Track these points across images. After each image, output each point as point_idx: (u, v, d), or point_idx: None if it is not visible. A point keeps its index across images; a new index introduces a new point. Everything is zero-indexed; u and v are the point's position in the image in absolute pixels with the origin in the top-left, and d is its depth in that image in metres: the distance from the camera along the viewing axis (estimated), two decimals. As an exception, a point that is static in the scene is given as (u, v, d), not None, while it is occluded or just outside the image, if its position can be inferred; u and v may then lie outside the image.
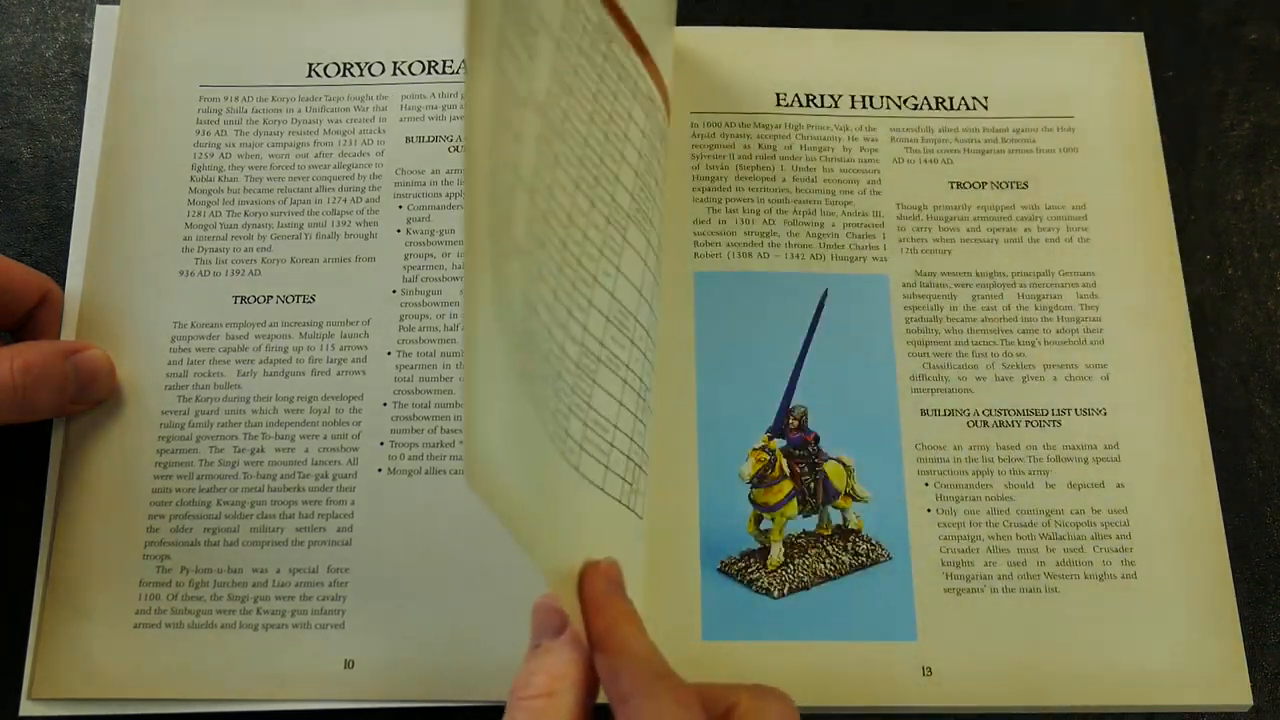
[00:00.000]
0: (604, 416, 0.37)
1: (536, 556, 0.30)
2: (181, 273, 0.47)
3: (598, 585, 0.35)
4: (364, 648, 0.42)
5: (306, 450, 0.44)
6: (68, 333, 0.46)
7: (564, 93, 0.33)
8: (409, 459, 0.44)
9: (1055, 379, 0.47)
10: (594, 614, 0.34)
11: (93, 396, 0.44)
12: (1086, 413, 0.47)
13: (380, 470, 0.44)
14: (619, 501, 0.38)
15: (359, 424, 0.45)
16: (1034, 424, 0.47)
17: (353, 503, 0.44)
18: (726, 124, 0.51)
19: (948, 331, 0.48)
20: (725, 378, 0.47)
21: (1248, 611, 0.45)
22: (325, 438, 0.45)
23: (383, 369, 0.45)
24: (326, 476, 0.44)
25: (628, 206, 0.39)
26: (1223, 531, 0.45)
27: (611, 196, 0.38)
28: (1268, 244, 0.51)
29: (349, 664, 0.42)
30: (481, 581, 0.43)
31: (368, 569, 0.43)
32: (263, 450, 0.44)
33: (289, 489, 0.44)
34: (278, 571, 0.43)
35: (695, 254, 0.48)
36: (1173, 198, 0.50)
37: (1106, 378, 0.47)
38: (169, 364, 0.45)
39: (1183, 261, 0.49)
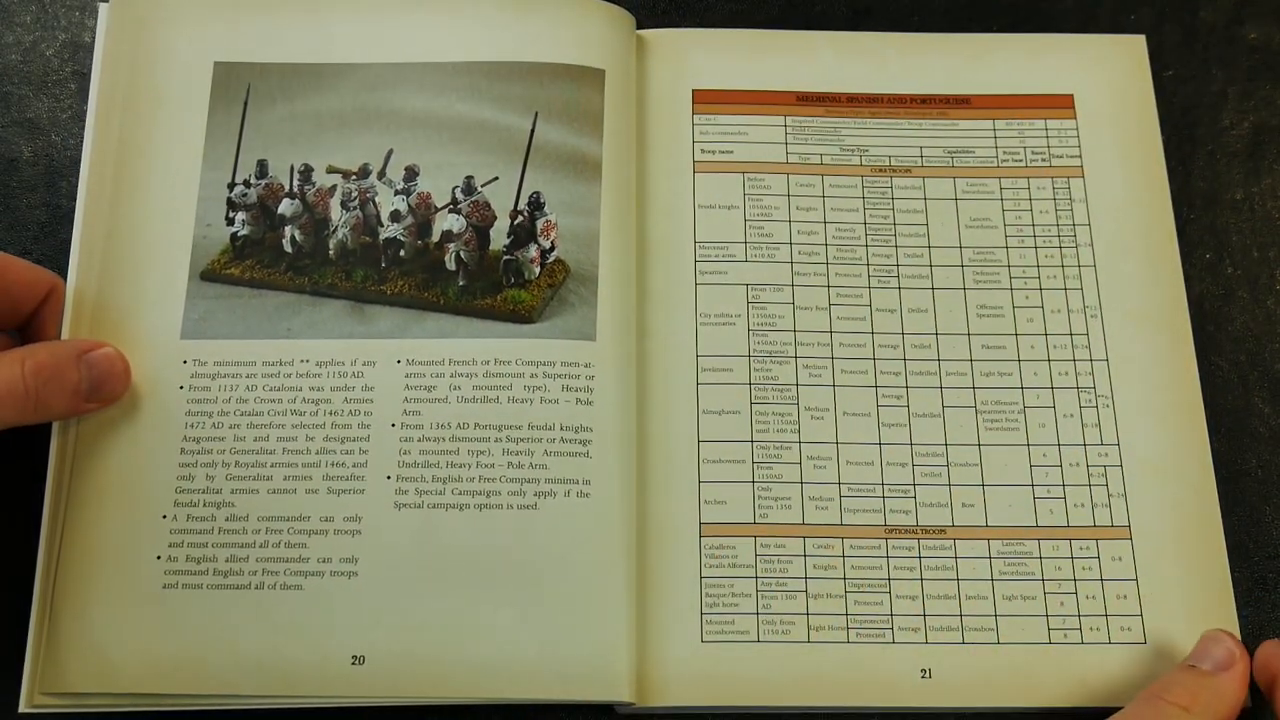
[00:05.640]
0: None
1: None
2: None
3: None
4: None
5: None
6: (69, 331, 0.45)
7: None
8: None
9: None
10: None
11: (106, 395, 0.43)
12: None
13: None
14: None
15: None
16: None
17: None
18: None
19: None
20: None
21: (1247, 611, 0.45)
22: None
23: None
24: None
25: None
26: (1222, 531, 0.45)
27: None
28: (1268, 243, 0.51)
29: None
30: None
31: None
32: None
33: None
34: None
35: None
36: (1173, 197, 0.50)
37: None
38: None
39: (1183, 261, 0.49)
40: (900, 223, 0.49)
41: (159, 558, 0.43)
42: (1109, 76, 0.52)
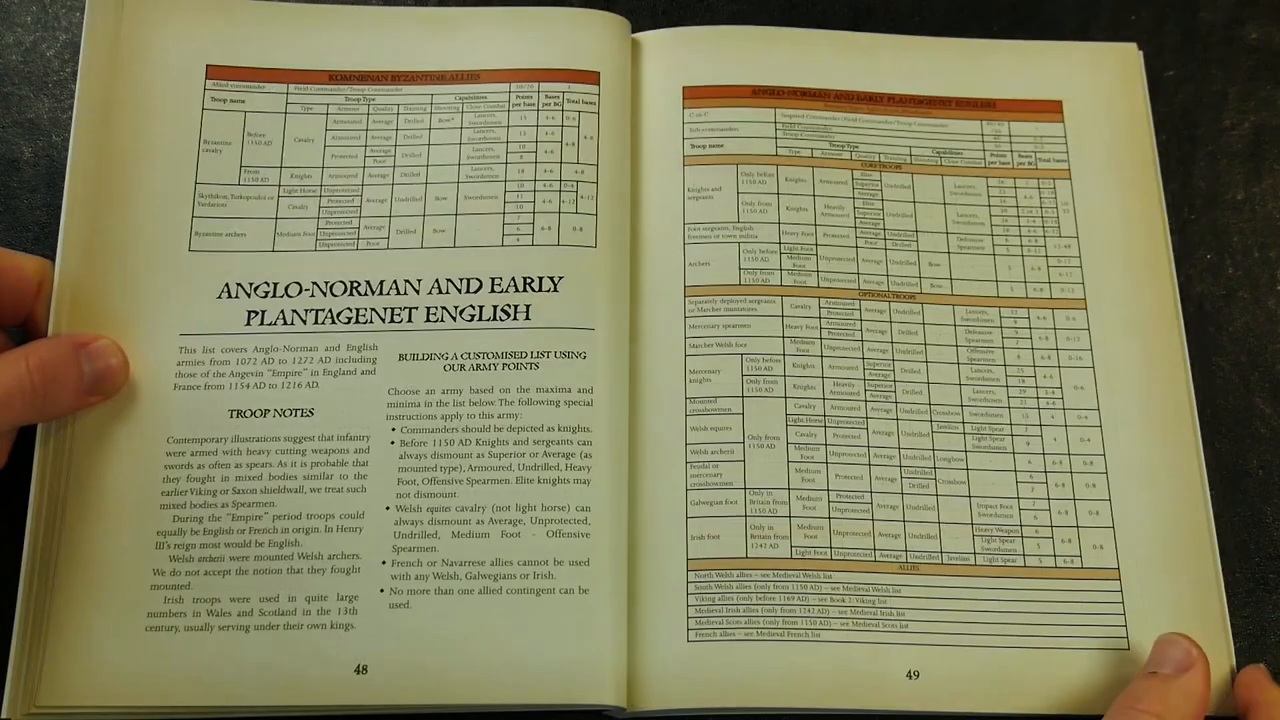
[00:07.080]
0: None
1: None
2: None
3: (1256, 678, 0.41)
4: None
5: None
6: (61, 325, 0.44)
7: None
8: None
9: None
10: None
11: (107, 388, 0.43)
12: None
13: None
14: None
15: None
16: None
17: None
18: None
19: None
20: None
21: (1248, 611, 0.44)
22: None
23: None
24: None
25: None
26: (1213, 535, 0.44)
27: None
28: (1268, 244, 0.50)
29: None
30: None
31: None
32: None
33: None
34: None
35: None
36: (1173, 198, 0.50)
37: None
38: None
39: (1183, 262, 0.49)
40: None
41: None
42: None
